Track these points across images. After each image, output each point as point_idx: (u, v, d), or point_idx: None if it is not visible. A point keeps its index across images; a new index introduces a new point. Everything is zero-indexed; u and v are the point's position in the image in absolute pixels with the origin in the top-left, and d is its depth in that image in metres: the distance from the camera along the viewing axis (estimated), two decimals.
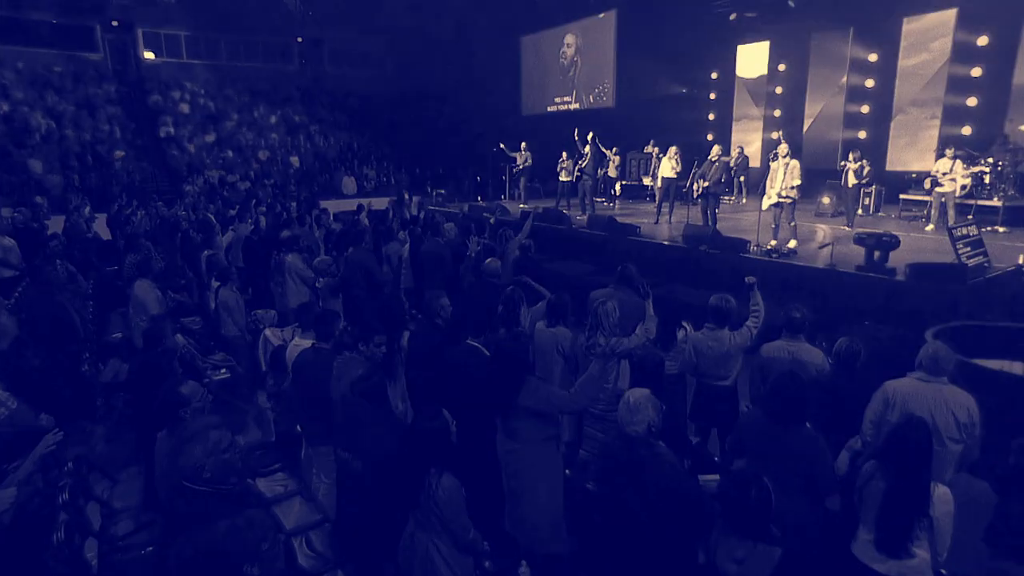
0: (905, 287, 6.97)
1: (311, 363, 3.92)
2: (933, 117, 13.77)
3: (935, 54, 13.54)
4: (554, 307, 4.63)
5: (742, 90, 17.65)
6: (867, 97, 14.95)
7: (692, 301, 7.69)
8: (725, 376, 4.48)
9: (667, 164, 11.39)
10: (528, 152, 14.33)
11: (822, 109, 15.75)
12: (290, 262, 7.12)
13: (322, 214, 10.94)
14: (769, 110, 17.11)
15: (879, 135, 14.59)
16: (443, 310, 4.49)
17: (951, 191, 10.20)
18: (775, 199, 8.72)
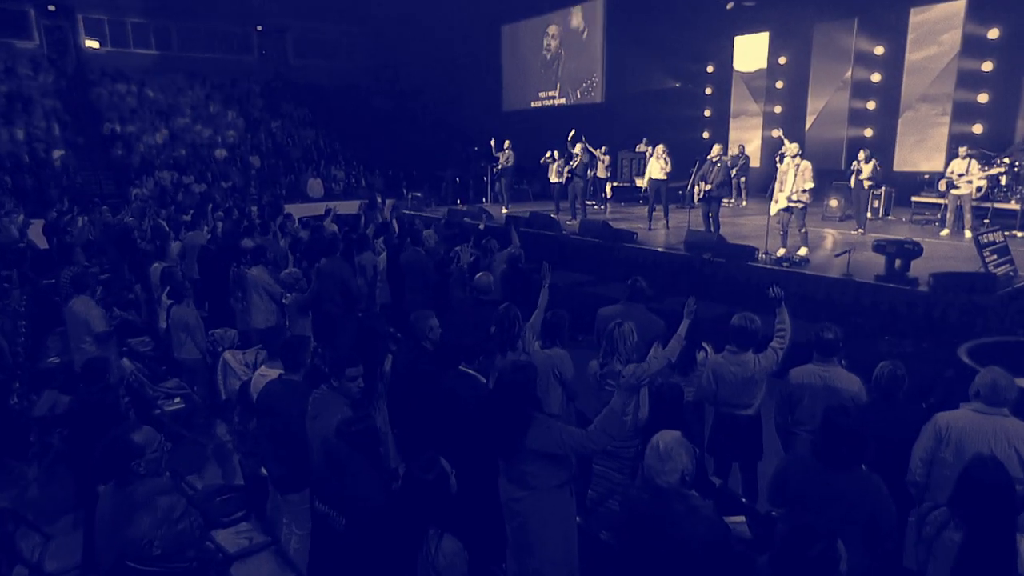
0: (929, 299, 6.89)
1: (280, 397, 3.65)
2: (943, 114, 13.88)
3: (944, 47, 13.66)
4: (550, 325, 4.43)
5: (740, 85, 17.68)
6: (873, 92, 15.03)
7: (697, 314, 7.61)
8: (748, 404, 4.32)
9: (655, 164, 11.30)
10: (511, 151, 14.17)
11: (825, 105, 15.83)
12: (253, 275, 6.88)
13: (287, 220, 10.71)
14: (769, 106, 17.17)
15: (886, 133, 14.68)
16: (432, 332, 4.27)
17: (967, 193, 10.22)
18: (784, 203, 8.60)
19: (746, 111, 17.72)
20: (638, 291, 5.11)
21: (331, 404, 3.36)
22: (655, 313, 5.21)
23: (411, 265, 7.44)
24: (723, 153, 10.09)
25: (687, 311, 4.25)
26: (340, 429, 2.83)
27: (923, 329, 6.82)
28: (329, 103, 23.66)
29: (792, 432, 4.12)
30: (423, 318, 4.28)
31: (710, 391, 4.36)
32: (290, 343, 3.79)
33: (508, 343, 4.43)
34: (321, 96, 23.92)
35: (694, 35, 17.54)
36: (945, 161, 13.50)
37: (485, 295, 5.21)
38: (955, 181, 10.24)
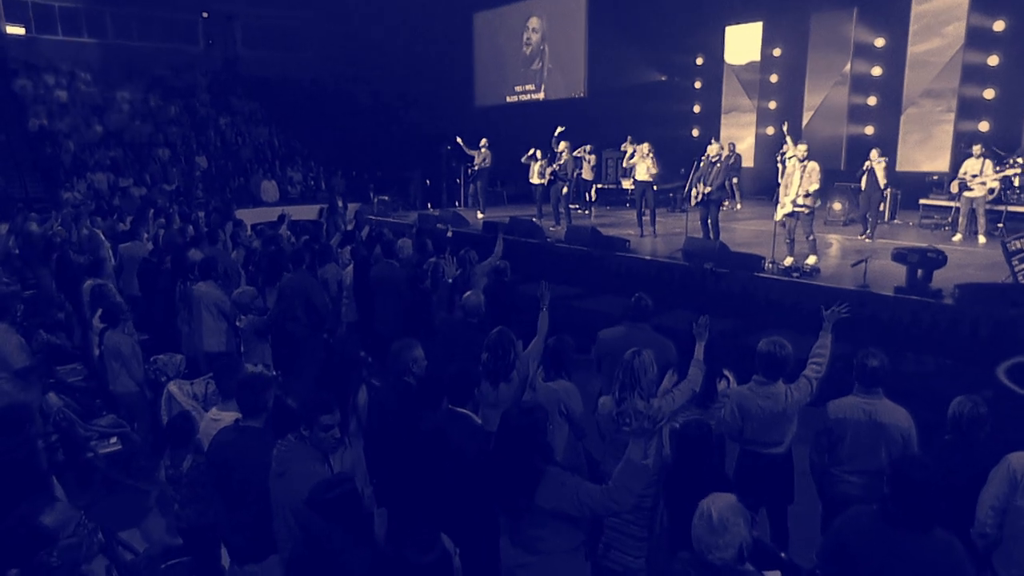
0: (955, 312, 6.78)
1: (236, 449, 3.30)
2: (947, 111, 13.97)
3: (948, 40, 13.78)
4: (554, 353, 4.18)
5: (731, 78, 17.69)
6: (874, 87, 15.11)
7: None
8: (778, 441, 4.09)
9: (641, 165, 11.19)
10: (488, 151, 14.00)
11: (823, 100, 15.88)
12: (201, 291, 6.55)
13: (239, 228, 10.34)
14: (763, 101, 17.20)
15: (888, 130, 14.75)
16: (415, 365, 3.99)
17: (981, 196, 10.23)
18: (789, 208, 8.53)
19: (738, 107, 17.73)
20: (642, 310, 4.88)
21: (300, 459, 3.02)
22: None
23: (383, 280, 7.14)
24: (723, 152, 9.95)
25: (698, 332, 4.09)
26: (314, 498, 2.50)
27: (948, 345, 6.71)
28: (283, 97, 23.39)
29: (831, 474, 3.91)
30: (406, 348, 3.98)
31: (734, 427, 4.12)
32: (249, 383, 3.44)
33: (502, 373, 4.18)
34: (274, 90, 23.65)
35: (682, 25, 17.54)
36: (950, 160, 13.69)
37: (473, 317, 4.90)
38: (968, 182, 10.23)
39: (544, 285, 4.74)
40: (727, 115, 17.94)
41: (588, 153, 14.51)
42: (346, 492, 2.55)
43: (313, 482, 2.73)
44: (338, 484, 2.58)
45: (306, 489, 2.69)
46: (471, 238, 10.59)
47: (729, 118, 17.91)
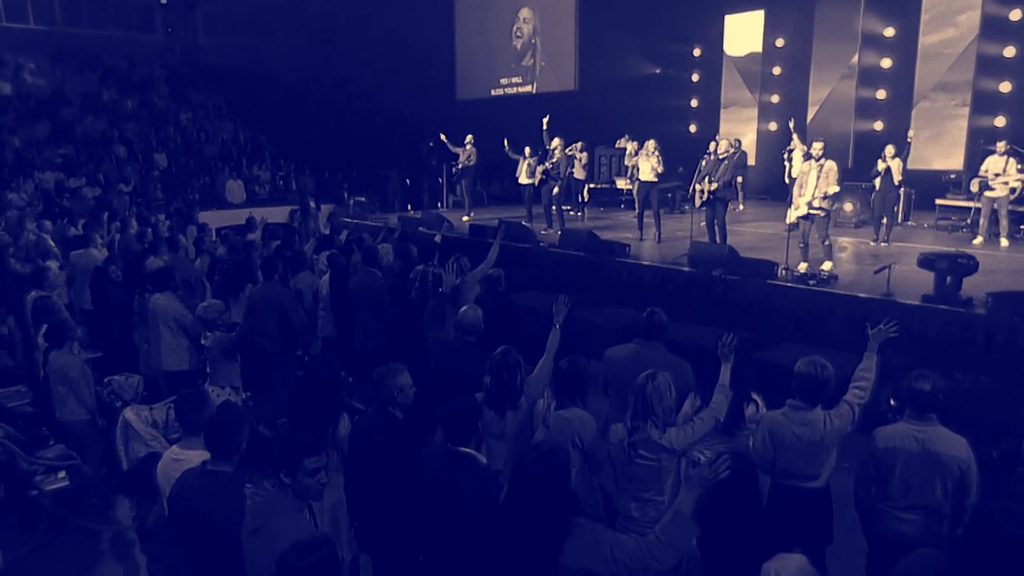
0: (988, 323, 6.67)
1: (203, 497, 3.01)
2: (962, 105, 13.94)
3: (962, 29, 13.76)
4: (568, 378, 3.96)
5: (731, 70, 17.62)
6: (883, 80, 15.08)
7: (708, 344, 7.22)
8: (815, 474, 3.89)
9: (645, 163, 11.03)
10: (474, 147, 13.83)
11: (829, 94, 15.82)
12: (160, 304, 6.28)
13: (203, 233, 10.11)
14: (764, 95, 17.16)
15: (898, 126, 14.56)
16: (401, 394, 3.76)
17: (1004, 196, 10.18)
18: (804, 210, 8.41)
19: (738, 101, 17.68)
20: (656, 327, 4.66)
21: (279, 511, 2.75)
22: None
23: (363, 291, 6.93)
24: (732, 148, 9.85)
25: (724, 352, 3.95)
26: (287, 563, 2.23)
27: (981, 359, 6.59)
28: (249, 90, 23.12)
29: (879, 510, 3.72)
30: (390, 375, 3.74)
31: (766, 457, 3.93)
32: (219, 422, 3.15)
33: (508, 399, 3.97)
34: (239, 82, 23.36)
35: (678, 14, 17.47)
36: (964, 158, 13.67)
37: (471, 335, 4.65)
38: (990, 182, 10.16)
39: (562, 300, 4.54)
40: (726, 110, 17.86)
41: (579, 151, 14.36)
42: (324, 559, 2.28)
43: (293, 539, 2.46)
44: (316, 549, 2.31)
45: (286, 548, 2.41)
46: (456, 243, 10.36)
47: (729, 113, 17.83)
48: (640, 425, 3.59)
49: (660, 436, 3.57)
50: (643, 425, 3.59)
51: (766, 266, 8.42)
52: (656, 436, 3.57)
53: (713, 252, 8.95)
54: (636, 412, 3.61)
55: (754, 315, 8.15)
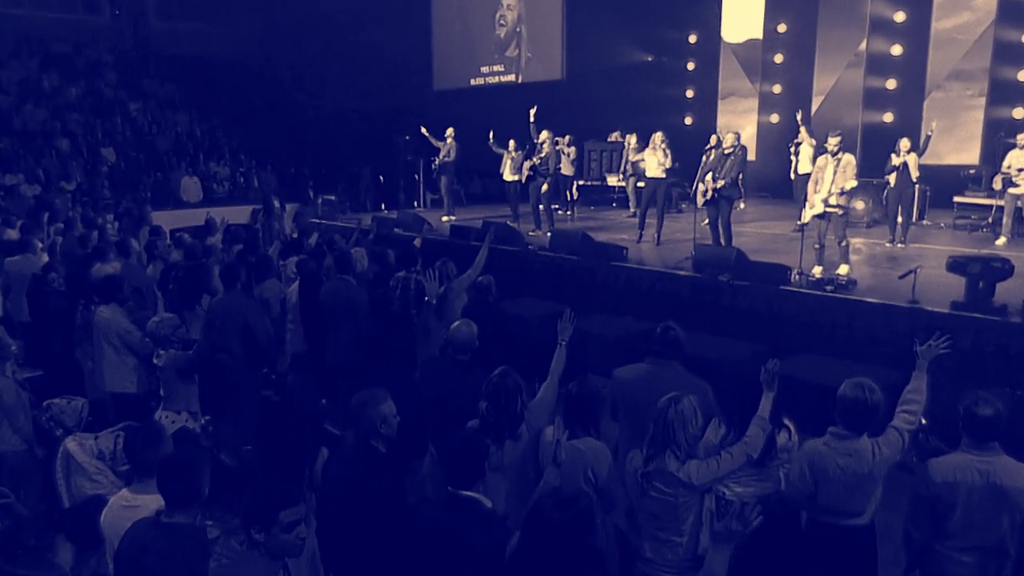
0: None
1: (157, 556, 2.72)
2: (978, 95, 13.95)
3: (978, 14, 13.79)
4: (578, 403, 3.75)
5: (730, 58, 17.62)
6: (893, 68, 15.04)
7: (715, 355, 7.26)
8: (859, 510, 3.72)
9: (652, 158, 10.96)
10: (455, 141, 13.71)
11: (835, 84, 15.82)
12: (105, 318, 6.00)
13: (155, 236, 9.82)
14: (765, 84, 17.15)
15: (909, 118, 14.63)
16: (385, 425, 3.51)
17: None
18: (821, 208, 8.31)
19: (737, 91, 17.69)
20: (671, 344, 4.46)
21: (250, 573, 2.45)
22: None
23: (337, 302, 6.67)
24: (738, 142, 9.72)
25: (766, 379, 3.82)
26: None
27: (1019, 372, 6.40)
28: (206, 79, 22.91)
29: (935, 551, 3.56)
30: (371, 403, 3.50)
31: (804, 491, 3.74)
32: (175, 465, 2.87)
33: (507, 427, 3.78)
34: (195, 70, 23.15)
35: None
36: (980, 152, 13.67)
37: (463, 353, 4.40)
38: (1014, 177, 10.14)
39: (567, 316, 4.38)
40: (724, 100, 17.86)
41: (567, 145, 14.30)
42: None
43: None
44: None
45: None
46: (437, 246, 10.17)
47: (727, 104, 17.84)
48: (657, 455, 3.43)
49: (679, 469, 3.40)
50: (661, 455, 3.42)
51: (778, 270, 8.28)
52: (674, 468, 3.40)
53: (719, 255, 8.82)
54: (655, 440, 3.45)
55: (765, 324, 8.02)
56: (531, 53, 19.58)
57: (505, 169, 13.05)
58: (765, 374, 3.79)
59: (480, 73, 20.93)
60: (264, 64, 23.89)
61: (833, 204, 8.19)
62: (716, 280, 8.48)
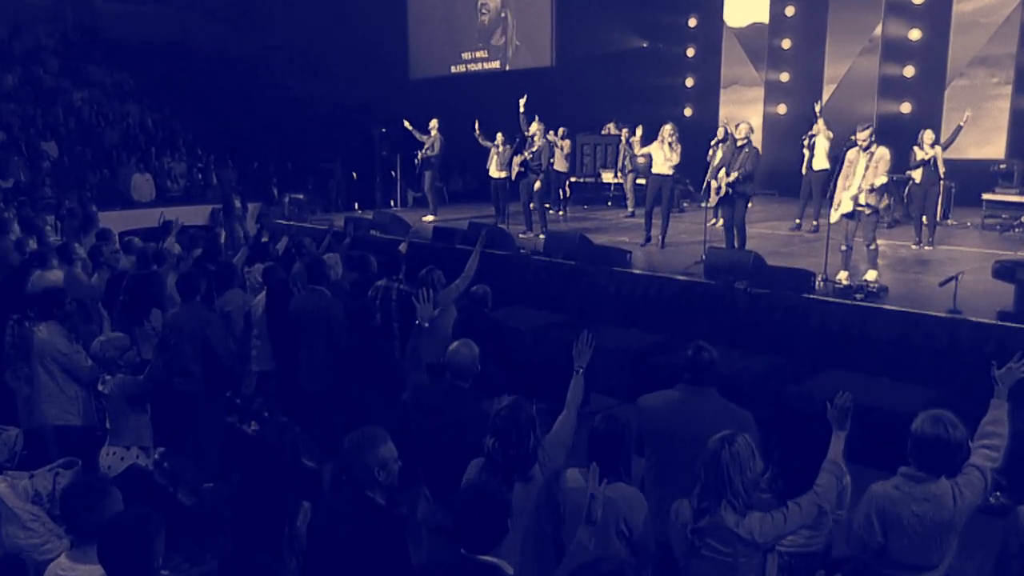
0: None
1: None
2: (1004, 83, 14.00)
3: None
4: (607, 442, 3.49)
5: (733, 44, 17.68)
6: (911, 55, 15.07)
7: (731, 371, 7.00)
8: (935, 563, 3.46)
9: (659, 153, 10.79)
10: (440, 134, 13.63)
11: (848, 71, 15.84)
12: (42, 339, 5.67)
13: (102, 240, 9.50)
14: (772, 72, 17.21)
15: (929, 108, 14.67)
16: (384, 471, 3.19)
17: None
18: (850, 206, 8.16)
19: (741, 79, 17.76)
20: (705, 367, 4.13)
21: None
22: None
23: (310, 315, 6.42)
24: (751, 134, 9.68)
25: (836, 416, 3.55)
26: None
27: None
28: (160, 66, 22.60)
29: None
30: (368, 445, 3.18)
31: (871, 542, 3.48)
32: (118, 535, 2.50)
33: (517, 467, 3.51)
34: (147, 55, 22.81)
35: None
36: (1007, 144, 13.66)
37: (464, 379, 4.08)
38: None
39: (584, 339, 4.04)
40: (727, 90, 17.96)
41: (560, 138, 14.14)
42: None
43: None
44: None
45: None
46: (418, 250, 9.93)
47: (729, 94, 17.92)
48: (712, 507, 3.14)
49: (738, 523, 3.12)
50: (716, 508, 3.14)
51: (801, 277, 8.11)
52: (732, 523, 3.12)
53: (735, 260, 8.64)
54: (707, 488, 3.17)
55: (787, 337, 7.89)
56: (519, 40, 19.61)
57: (491, 165, 12.89)
58: (835, 410, 3.51)
59: (461, 60, 20.92)
60: (224, 49, 23.65)
61: (864, 203, 8.05)
62: (732, 287, 8.32)
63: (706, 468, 3.16)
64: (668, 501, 3.66)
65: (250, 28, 23.68)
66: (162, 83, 21.94)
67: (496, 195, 13.03)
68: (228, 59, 23.59)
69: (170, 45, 23.38)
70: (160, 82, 21.96)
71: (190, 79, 22.29)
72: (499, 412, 3.52)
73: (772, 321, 8.03)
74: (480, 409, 3.86)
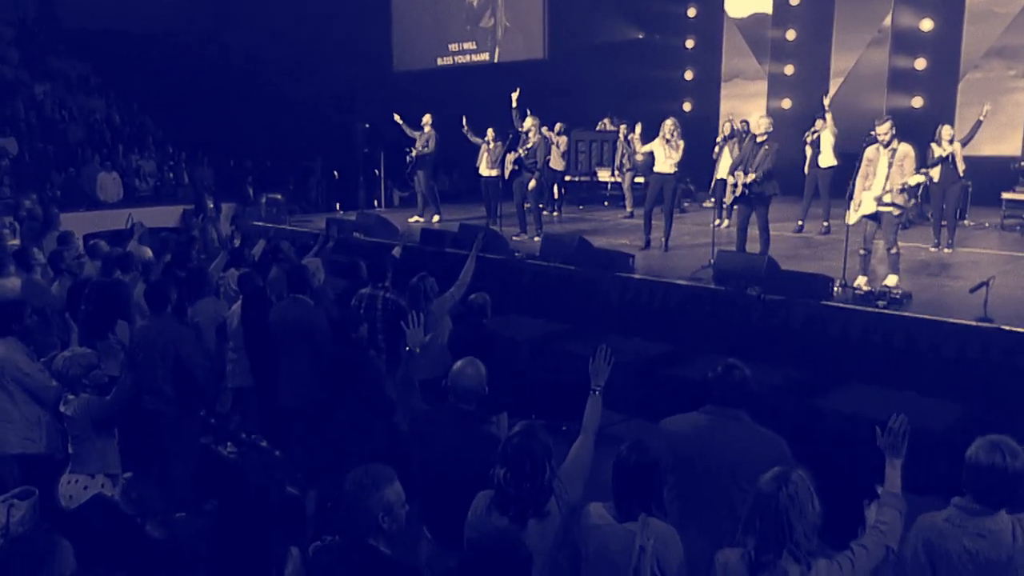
0: None
1: None
2: (1020, 75, 13.99)
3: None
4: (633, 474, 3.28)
5: (734, 35, 17.71)
6: (923, 46, 15.06)
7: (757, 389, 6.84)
8: None
9: (661, 150, 10.66)
10: (434, 131, 13.46)
11: (856, 64, 15.85)
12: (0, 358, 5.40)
13: (64, 244, 9.19)
14: (776, 65, 17.19)
15: (941, 102, 14.67)
16: (390, 517, 2.97)
17: None
18: (872, 207, 8.06)
19: (743, 72, 17.77)
20: (736, 388, 3.94)
21: None
22: None
23: (291, 326, 6.28)
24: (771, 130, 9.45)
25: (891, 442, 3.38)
26: None
27: None
28: (127, 58, 22.53)
29: None
30: (373, 485, 2.95)
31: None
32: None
33: (532, 502, 3.31)
34: (114, 46, 22.73)
35: None
36: None
37: (468, 402, 3.88)
38: None
39: (602, 354, 3.88)
40: (728, 84, 17.99)
41: (557, 134, 14.07)
42: None
43: None
44: None
45: None
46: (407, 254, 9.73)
47: (731, 88, 17.95)
48: (772, 559, 2.90)
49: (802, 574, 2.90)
50: (776, 559, 2.90)
51: (818, 282, 7.98)
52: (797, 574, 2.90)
53: (747, 264, 8.54)
54: (765, 537, 2.93)
55: (805, 348, 7.77)
56: (508, 22, 19.63)
57: (482, 162, 12.76)
58: (889, 436, 3.33)
59: (448, 52, 20.88)
60: (197, 41, 23.66)
61: (888, 202, 7.94)
62: (744, 294, 8.22)
63: (762, 514, 2.94)
64: (695, 538, 3.48)
65: (224, 18, 23.57)
66: (130, 76, 21.80)
67: (487, 195, 12.88)
68: (200, 51, 23.53)
69: (138, 36, 23.25)
70: (128, 75, 21.82)
71: (160, 72, 22.17)
72: (511, 441, 3.34)
73: (788, 330, 7.90)
74: (487, 435, 3.68)
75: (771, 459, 3.72)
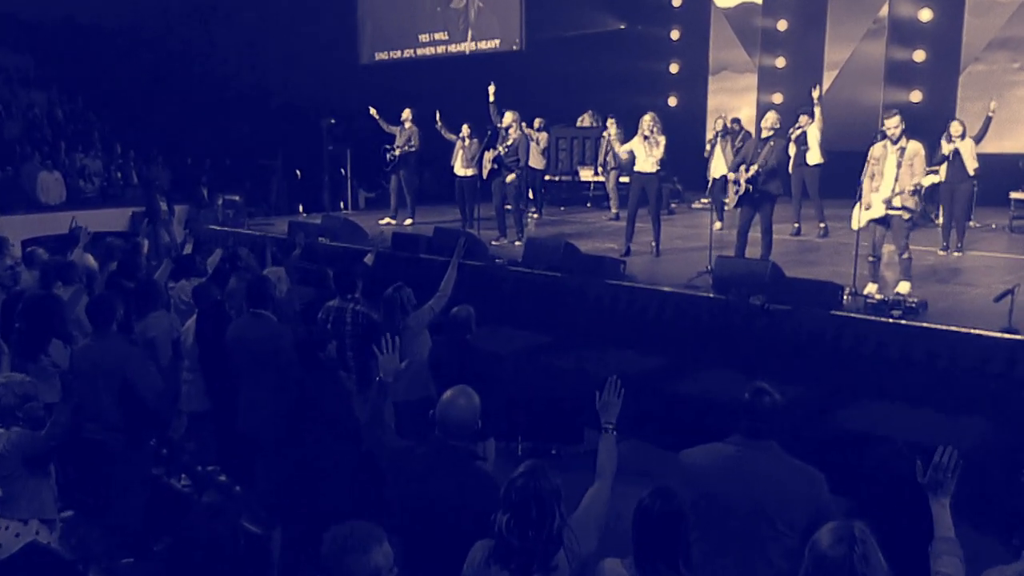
0: None
1: None
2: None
3: None
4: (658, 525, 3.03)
5: (722, 25, 17.79)
6: (922, 38, 15.09)
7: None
8: None
9: (641, 148, 10.50)
10: (415, 127, 13.36)
11: (851, 56, 15.90)
12: None
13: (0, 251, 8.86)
14: (767, 57, 17.24)
15: (941, 96, 14.73)
16: None
17: None
18: (881, 210, 7.95)
19: (732, 65, 17.88)
20: (766, 416, 3.70)
21: None
22: None
23: (252, 344, 6.03)
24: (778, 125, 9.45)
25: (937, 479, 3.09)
26: None
27: None
28: (71, 49, 22.35)
29: None
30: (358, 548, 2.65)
31: None
32: None
33: (539, 556, 3.08)
34: (57, 37, 22.51)
35: None
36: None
37: (459, 437, 3.57)
38: None
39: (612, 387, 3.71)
40: (716, 76, 18.07)
41: (536, 131, 13.95)
42: None
43: None
44: None
45: None
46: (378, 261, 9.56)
47: (719, 81, 18.03)
48: None
49: None
50: None
51: (826, 290, 7.84)
52: None
53: (749, 271, 8.42)
54: None
55: (812, 361, 7.60)
56: (483, 14, 19.61)
57: (456, 161, 12.61)
58: (935, 472, 3.06)
59: (419, 42, 20.79)
60: (147, 30, 23.33)
61: (899, 205, 7.85)
62: (746, 303, 8.07)
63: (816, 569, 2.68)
64: None
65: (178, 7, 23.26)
66: (73, 69, 21.69)
67: (462, 196, 12.73)
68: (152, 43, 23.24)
69: (82, 26, 23.02)
70: (71, 68, 21.71)
71: (108, 64, 22.02)
72: (515, 482, 3.09)
73: (795, 342, 7.74)
74: (482, 476, 3.39)
75: (807, 497, 3.60)
